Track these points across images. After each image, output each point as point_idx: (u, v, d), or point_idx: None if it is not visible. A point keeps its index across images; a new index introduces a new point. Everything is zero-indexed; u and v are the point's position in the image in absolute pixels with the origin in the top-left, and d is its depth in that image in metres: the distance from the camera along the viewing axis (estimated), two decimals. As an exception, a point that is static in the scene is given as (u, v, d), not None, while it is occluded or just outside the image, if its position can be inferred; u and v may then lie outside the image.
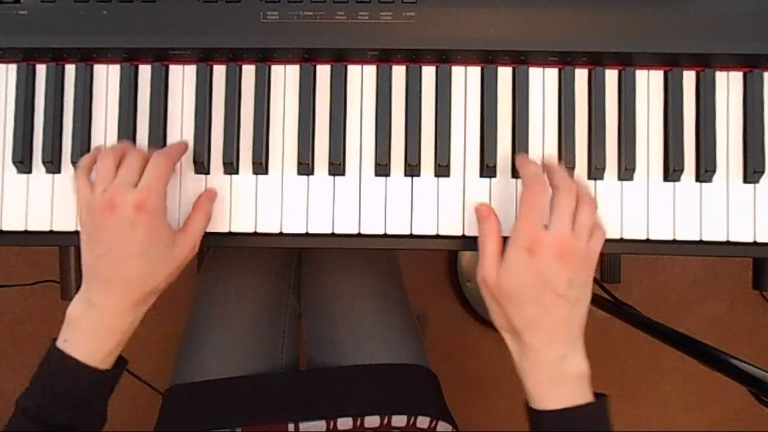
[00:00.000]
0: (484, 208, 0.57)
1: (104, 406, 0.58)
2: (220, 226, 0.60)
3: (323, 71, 0.61)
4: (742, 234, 0.60)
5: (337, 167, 0.60)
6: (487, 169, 0.60)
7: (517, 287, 0.53)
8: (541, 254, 0.52)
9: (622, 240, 0.60)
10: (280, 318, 0.84)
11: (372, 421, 0.71)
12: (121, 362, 0.58)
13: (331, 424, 0.71)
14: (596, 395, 0.55)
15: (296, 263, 0.88)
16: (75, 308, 0.56)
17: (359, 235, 0.60)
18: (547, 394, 0.53)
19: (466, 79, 0.61)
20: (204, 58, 0.61)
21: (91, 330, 0.55)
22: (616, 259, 1.33)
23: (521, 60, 0.60)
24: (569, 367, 0.53)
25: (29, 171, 0.61)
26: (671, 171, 0.60)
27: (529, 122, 0.60)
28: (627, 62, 0.60)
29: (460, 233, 0.60)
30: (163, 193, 0.55)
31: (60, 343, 0.55)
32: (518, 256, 0.52)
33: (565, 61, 0.60)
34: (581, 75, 0.61)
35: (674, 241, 0.60)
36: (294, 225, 0.60)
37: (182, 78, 0.61)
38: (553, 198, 0.54)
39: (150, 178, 0.55)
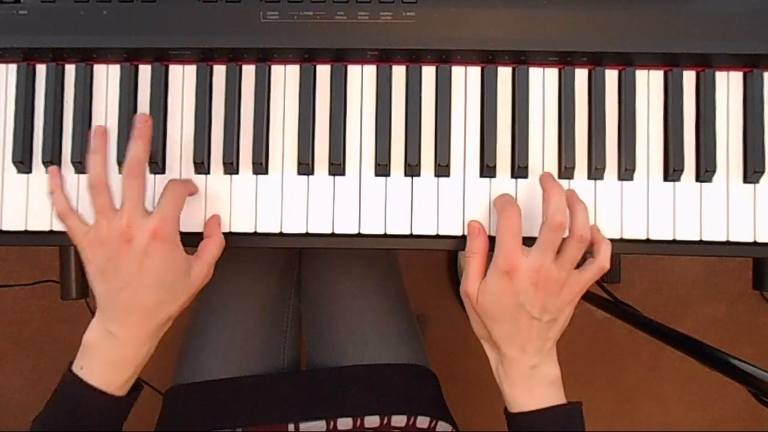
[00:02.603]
0: (476, 225, 0.59)
1: (119, 431, 0.58)
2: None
3: (323, 71, 0.61)
4: (742, 234, 0.60)
5: (337, 167, 0.60)
6: (487, 169, 0.60)
7: (494, 306, 0.55)
8: (518, 279, 0.54)
9: (622, 240, 0.60)
10: (282, 318, 0.84)
11: (372, 421, 0.71)
12: (137, 387, 0.58)
13: (331, 424, 0.71)
14: (571, 402, 0.58)
15: (299, 263, 0.88)
16: (92, 336, 0.55)
17: (359, 235, 0.60)
18: (521, 397, 0.57)
19: (466, 79, 0.61)
20: (204, 58, 0.61)
21: (109, 360, 0.55)
22: (616, 259, 1.33)
23: (521, 60, 0.60)
24: (541, 373, 0.57)
25: (29, 171, 0.61)
26: (671, 171, 0.60)
27: (529, 122, 0.60)
28: (627, 62, 0.60)
29: (460, 233, 0.60)
30: (177, 222, 0.55)
31: (76, 370, 0.55)
32: (497, 278, 0.55)
33: (565, 61, 0.60)
34: (581, 75, 0.61)
35: (674, 241, 0.60)
36: (294, 225, 0.60)
37: (182, 78, 0.61)
38: (541, 230, 0.54)
39: (166, 207, 0.54)
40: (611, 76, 0.61)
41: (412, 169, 0.60)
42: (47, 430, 0.54)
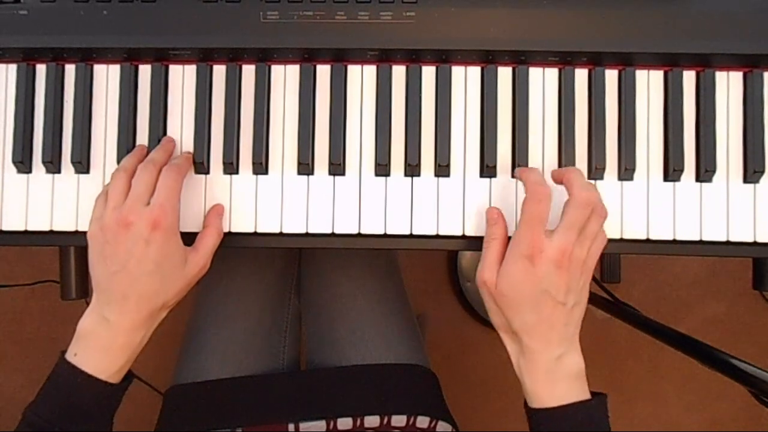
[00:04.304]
0: (495, 212, 0.58)
1: (111, 419, 0.58)
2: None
3: (323, 71, 0.61)
4: (742, 234, 0.60)
5: (337, 167, 0.60)
6: (487, 169, 0.60)
7: (516, 293, 0.53)
8: (541, 263, 0.52)
9: (622, 240, 0.60)
10: (282, 317, 0.84)
11: (372, 421, 0.71)
12: (129, 375, 0.58)
13: (331, 424, 0.71)
14: (594, 394, 0.56)
15: (298, 263, 0.88)
16: (87, 323, 0.55)
17: (359, 235, 0.60)
18: (544, 392, 0.54)
19: (466, 79, 0.61)
20: (204, 58, 0.61)
21: (103, 346, 0.55)
22: (616, 259, 1.33)
23: (521, 60, 0.60)
24: (566, 365, 0.54)
25: (29, 171, 0.61)
26: (671, 171, 0.60)
27: (529, 122, 0.60)
28: (627, 62, 0.60)
29: (460, 233, 0.60)
30: (176, 209, 0.56)
31: (70, 357, 0.55)
32: (518, 263, 0.53)
33: (565, 61, 0.60)
34: (581, 75, 0.61)
35: (674, 241, 0.60)
36: (294, 225, 0.60)
37: (182, 78, 0.61)
38: (567, 207, 0.53)
39: (162, 195, 0.55)
40: (611, 76, 0.61)
41: (412, 169, 0.60)
42: (40, 417, 0.53)
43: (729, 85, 0.61)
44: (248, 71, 0.61)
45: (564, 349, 0.54)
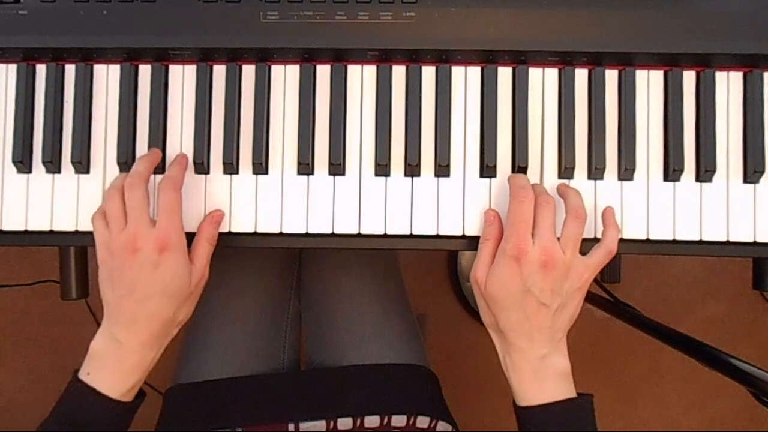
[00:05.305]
0: (492, 213, 0.59)
1: None
2: (220, 226, 0.60)
3: (323, 71, 0.61)
4: (742, 234, 0.60)
5: (337, 167, 0.60)
6: (487, 169, 0.60)
7: (502, 293, 0.55)
8: (526, 263, 0.54)
9: (622, 240, 0.60)
10: (282, 318, 0.84)
11: (372, 421, 0.71)
12: (141, 393, 0.59)
13: (331, 424, 0.71)
14: (581, 395, 0.57)
15: (299, 263, 0.88)
16: (98, 343, 0.56)
17: (359, 235, 0.60)
18: (530, 390, 0.56)
19: (466, 79, 0.61)
20: (204, 58, 0.61)
21: (115, 366, 0.56)
22: (616, 259, 1.32)
23: (521, 60, 0.60)
24: (550, 365, 0.56)
25: (29, 171, 0.61)
26: (671, 171, 0.60)
27: (529, 122, 0.60)
28: (627, 62, 0.60)
29: (460, 233, 0.60)
30: (181, 227, 0.56)
31: (83, 376, 0.56)
32: (505, 264, 0.55)
33: (565, 61, 0.60)
34: (581, 75, 0.61)
35: (674, 241, 0.60)
36: (294, 225, 0.60)
37: (182, 78, 0.61)
38: (534, 213, 0.55)
39: (164, 220, 0.55)
40: (611, 76, 0.61)
41: (412, 169, 0.60)
42: None
43: (729, 85, 0.61)
44: (248, 71, 0.61)
45: (548, 350, 0.55)
